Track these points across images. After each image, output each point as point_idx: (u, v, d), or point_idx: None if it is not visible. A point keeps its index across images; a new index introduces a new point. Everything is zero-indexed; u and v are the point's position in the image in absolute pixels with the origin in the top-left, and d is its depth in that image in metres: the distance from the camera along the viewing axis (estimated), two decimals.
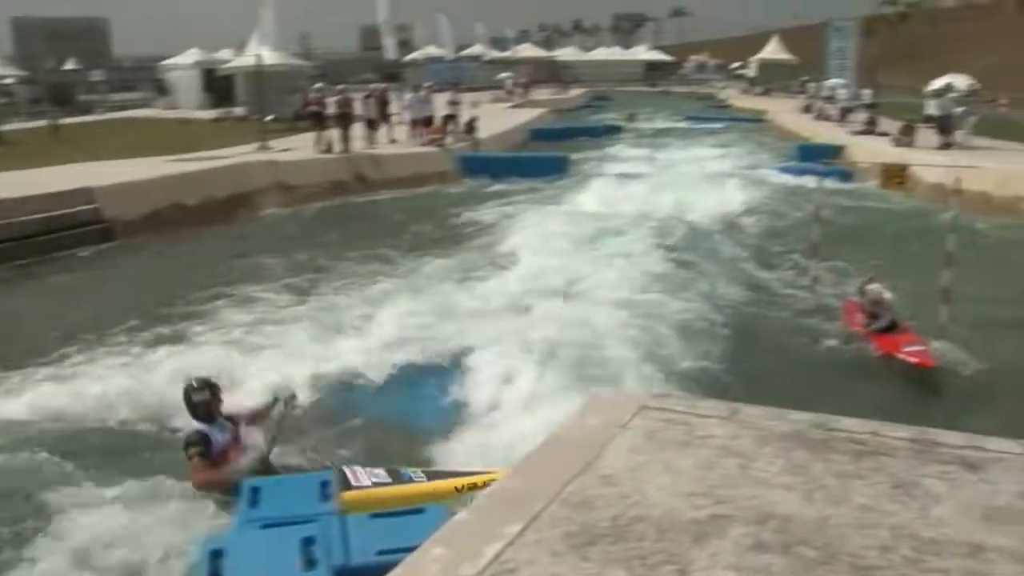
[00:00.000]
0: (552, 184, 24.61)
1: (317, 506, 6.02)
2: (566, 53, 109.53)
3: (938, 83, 34.96)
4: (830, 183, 23.28)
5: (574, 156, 30.04)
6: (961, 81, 34.94)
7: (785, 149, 33.88)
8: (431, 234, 18.27)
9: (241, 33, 41.74)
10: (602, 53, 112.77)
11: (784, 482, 3.78)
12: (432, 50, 69.87)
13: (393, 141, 27.20)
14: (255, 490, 6.18)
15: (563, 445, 4.27)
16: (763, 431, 4.30)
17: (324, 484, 6.29)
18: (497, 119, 38.70)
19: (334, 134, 24.40)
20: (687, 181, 24.18)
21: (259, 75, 29.99)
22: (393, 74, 61.52)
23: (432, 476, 7.01)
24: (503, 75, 63.42)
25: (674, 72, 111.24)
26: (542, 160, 28.08)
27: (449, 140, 27.99)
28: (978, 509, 3.51)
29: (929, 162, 21.35)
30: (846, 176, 25.31)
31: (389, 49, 39.35)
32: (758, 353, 10.59)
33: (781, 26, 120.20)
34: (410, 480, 6.85)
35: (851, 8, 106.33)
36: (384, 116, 27.76)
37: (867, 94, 41.74)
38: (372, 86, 29.17)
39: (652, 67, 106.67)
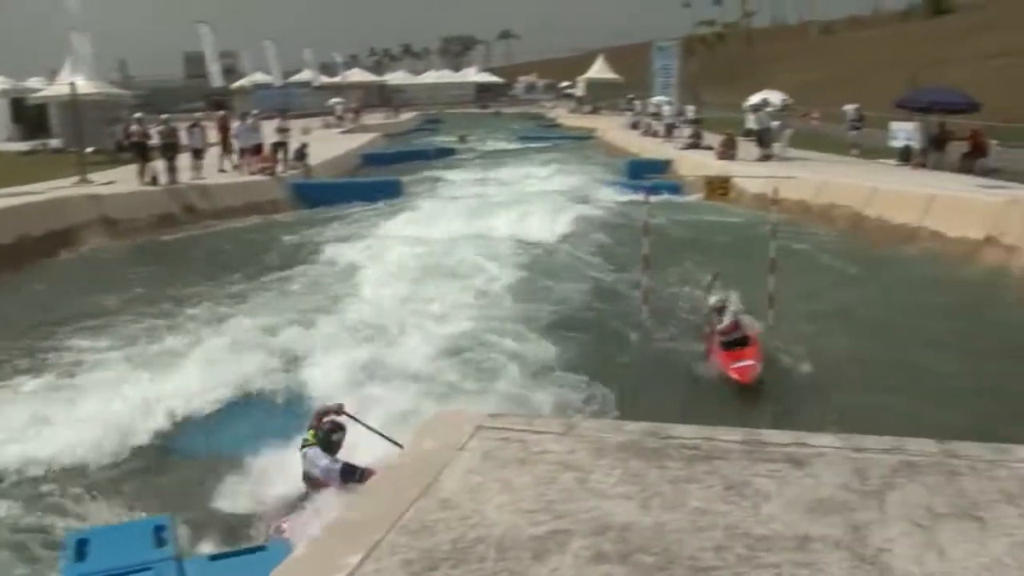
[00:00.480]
0: (386, 208, 24.47)
1: (152, 553, 5.69)
2: (396, 77, 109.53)
3: (755, 98, 36.75)
4: (660, 197, 24.26)
5: (407, 179, 30.00)
6: (776, 97, 36.90)
7: (615, 165, 34.83)
8: (263, 264, 17.72)
9: (52, 60, 39.59)
10: (432, 76, 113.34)
11: (621, 492, 3.83)
12: (260, 77, 68.51)
13: (222, 171, 26.45)
14: (81, 542, 5.81)
15: (400, 471, 4.21)
16: (599, 443, 4.36)
17: (159, 528, 5.96)
18: (328, 145, 38.23)
19: (159, 165, 23.48)
20: (520, 200, 24.47)
21: (75, 104, 28.52)
22: (220, 102, 59.90)
23: None
24: (333, 100, 62.72)
25: (504, 93, 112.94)
26: (375, 185, 27.88)
27: (280, 168, 27.38)
28: (804, 503, 3.66)
29: (749, 173, 22.41)
30: (675, 189, 26.23)
31: (215, 76, 38.18)
32: (594, 368, 10.75)
33: (606, 46, 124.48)
34: None
35: (671, 30, 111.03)
36: (226, 143, 26.93)
37: (691, 110, 43.43)
38: (197, 114, 28.23)
39: (483, 89, 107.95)
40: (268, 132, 28.26)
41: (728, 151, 28.22)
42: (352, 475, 6.55)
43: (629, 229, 19.55)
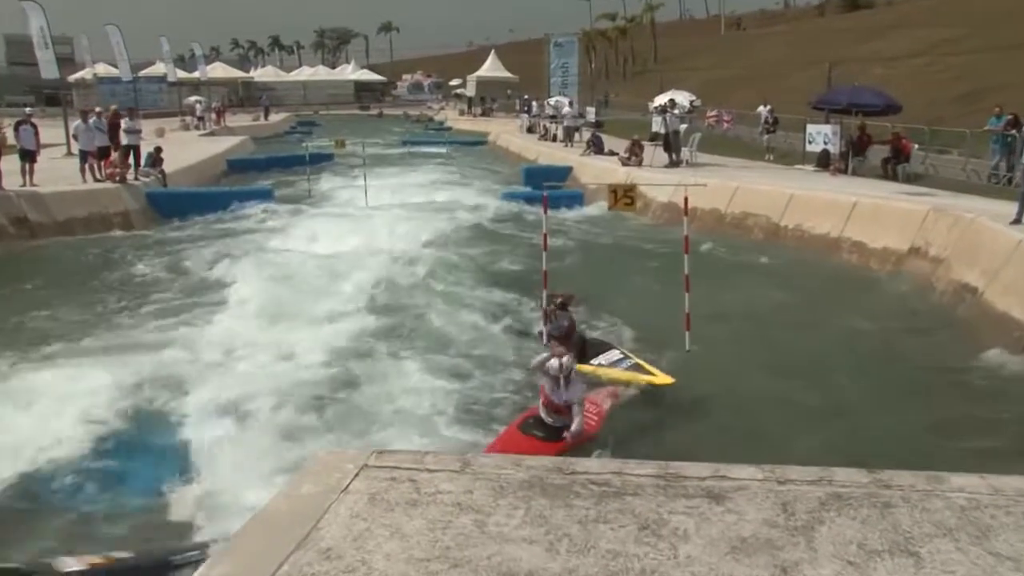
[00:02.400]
0: (255, 221, 24.06)
1: None
2: (265, 73, 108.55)
3: (661, 99, 37.59)
4: (560, 208, 24.52)
5: (281, 189, 29.63)
6: (683, 97, 37.81)
7: (510, 173, 35.03)
8: (113, 286, 17.14)
9: None
10: (306, 73, 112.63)
11: (525, 535, 3.80)
12: (103, 68, 66.69)
13: (96, 180, 25.47)
14: None
15: (275, 519, 4.10)
16: (498, 481, 4.32)
17: None
18: (187, 149, 37.42)
19: None
20: (404, 213, 24.37)
21: None
22: (53, 96, 58.06)
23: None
24: (192, 99, 61.63)
25: (387, 92, 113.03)
26: (243, 194, 27.31)
27: (130, 175, 26.61)
28: (726, 542, 3.68)
29: (657, 180, 22.82)
30: (576, 199, 26.52)
31: (46, 66, 36.73)
32: (490, 395, 10.73)
33: (498, 41, 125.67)
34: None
35: (569, 24, 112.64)
36: (117, 145, 26.33)
37: (591, 112, 44.12)
38: (28, 110, 27.15)
39: (363, 88, 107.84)
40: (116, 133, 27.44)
41: (634, 157, 28.68)
42: None
43: (524, 244, 19.66)
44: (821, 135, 27.13)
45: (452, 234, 21.20)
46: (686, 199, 12.36)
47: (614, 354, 11.78)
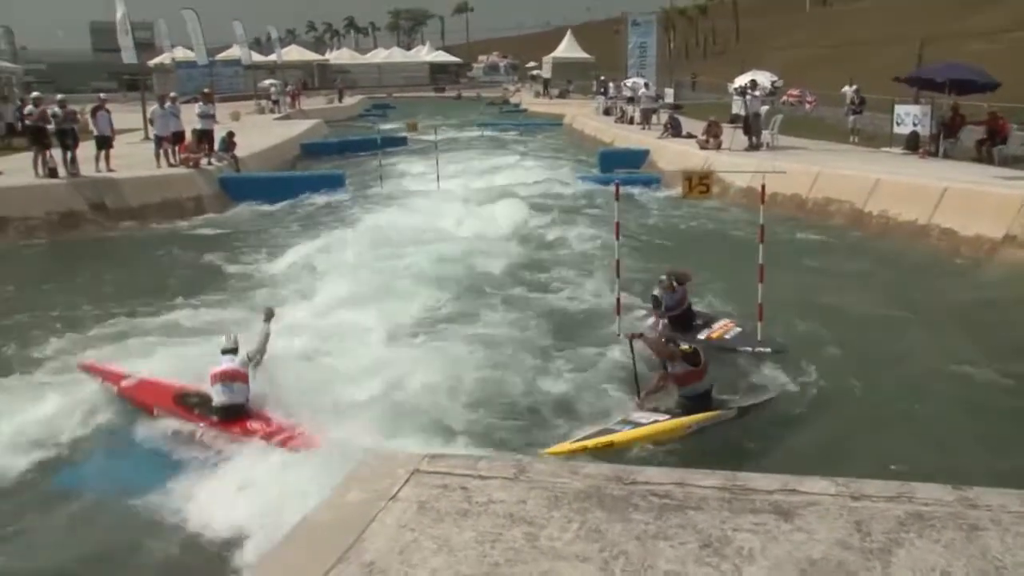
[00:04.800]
0: (325, 207, 24.20)
1: None
2: (340, 56, 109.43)
3: (741, 80, 36.85)
4: (636, 192, 24.23)
5: (352, 173, 29.78)
6: (764, 78, 37.04)
7: (586, 156, 34.72)
8: (185, 274, 17.24)
9: None
10: (381, 55, 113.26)
11: (578, 551, 3.64)
12: (181, 53, 67.69)
13: (170, 165, 25.88)
14: None
15: (317, 530, 3.99)
16: (554, 491, 4.17)
17: None
18: (262, 133, 37.85)
19: (58, 154, 22.91)
20: (479, 197, 24.30)
21: None
22: (134, 82, 59.24)
23: None
24: (267, 82, 62.31)
25: (463, 74, 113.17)
26: (315, 180, 27.52)
27: (204, 160, 26.93)
28: (794, 565, 3.48)
29: (735, 165, 22.41)
30: (653, 183, 26.19)
31: (128, 51, 37.49)
32: (555, 394, 10.55)
33: (575, 21, 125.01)
34: None
35: (648, 3, 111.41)
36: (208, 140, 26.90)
37: (669, 93, 43.57)
38: (102, 95, 27.55)
39: (438, 69, 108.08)
40: (192, 117, 27.82)
41: (712, 140, 28.20)
42: None
43: (598, 230, 19.43)
44: (910, 116, 26.28)
45: (525, 221, 21.06)
46: (763, 187, 12.00)
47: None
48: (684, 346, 9.94)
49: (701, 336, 12.02)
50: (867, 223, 19.67)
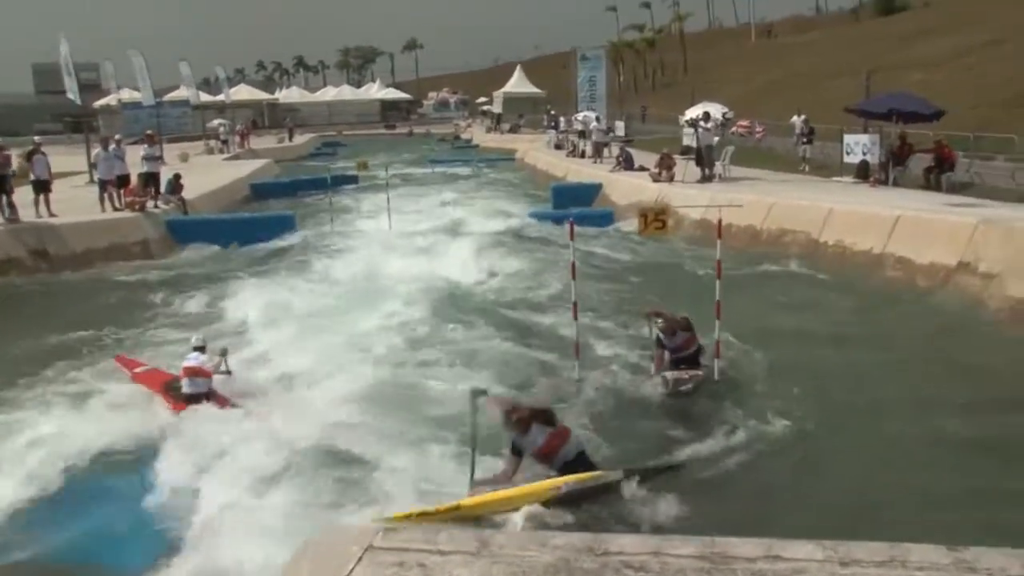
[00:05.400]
0: (280, 249, 23.73)
1: None
2: (290, 94, 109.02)
3: (692, 112, 36.95)
4: (589, 228, 24.02)
5: (303, 213, 29.48)
6: (716, 110, 37.10)
7: (538, 192, 34.59)
8: (126, 322, 16.77)
9: None
10: (331, 93, 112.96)
11: None
12: (127, 94, 67.10)
13: (116, 209, 25.24)
14: None
15: None
16: (520, 566, 3.82)
17: None
18: (210, 174, 37.39)
19: None
20: (430, 236, 23.95)
21: None
22: (79, 123, 58.59)
23: None
24: (216, 122, 61.84)
25: (413, 111, 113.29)
26: (265, 221, 27.06)
27: (151, 203, 26.34)
28: None
29: (690, 197, 22.27)
30: (606, 219, 26.04)
31: (73, 92, 37.12)
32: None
33: (521, 58, 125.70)
34: None
35: (596, 37, 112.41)
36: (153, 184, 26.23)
37: (620, 126, 43.60)
38: (37, 139, 26.82)
39: (389, 106, 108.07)
40: (138, 160, 27.23)
41: (664, 172, 28.11)
42: None
43: (552, 270, 19.14)
44: (859, 145, 26.42)
45: (477, 261, 20.51)
46: (719, 221, 11.80)
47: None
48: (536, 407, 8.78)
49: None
50: (822, 253, 19.55)
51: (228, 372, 11.68)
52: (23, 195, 23.18)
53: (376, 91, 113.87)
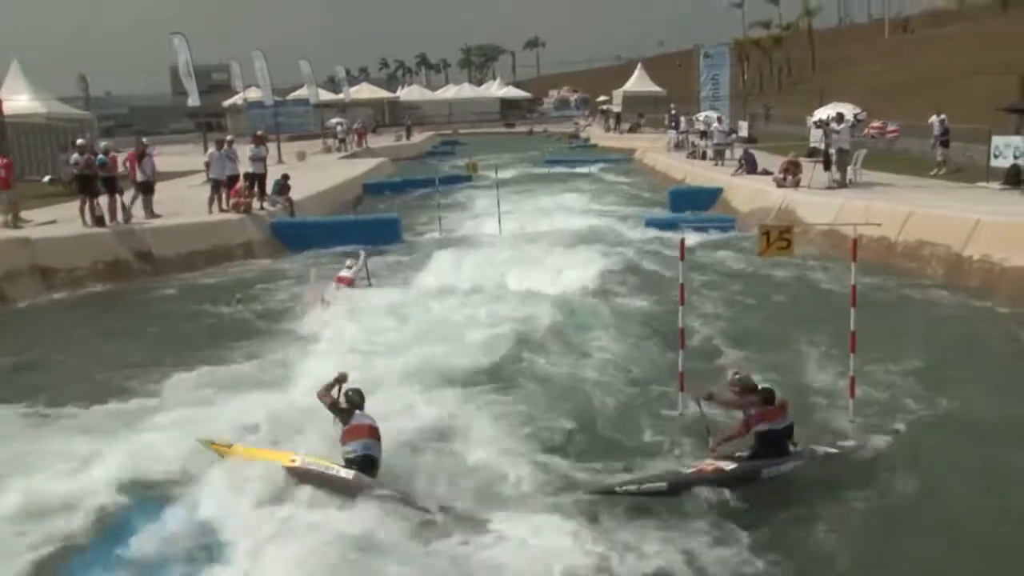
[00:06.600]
0: (383, 254, 22.73)
1: None
2: (410, 92, 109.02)
3: (822, 113, 34.99)
4: (707, 236, 22.46)
5: (412, 214, 29.04)
6: (847, 110, 34.92)
7: (656, 195, 33.20)
8: (225, 326, 16.37)
9: None
10: (451, 91, 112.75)
11: None
12: (254, 93, 67.89)
13: (222, 210, 24.86)
14: None
15: None
16: None
17: None
18: (325, 173, 37.18)
19: (104, 202, 21.88)
20: (539, 244, 22.59)
21: (19, 126, 27.18)
22: (207, 123, 59.53)
23: None
24: (334, 121, 61.96)
25: (533, 109, 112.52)
26: (369, 224, 26.11)
27: (256, 204, 25.72)
28: None
29: (816, 206, 20.52)
30: (725, 225, 24.43)
31: (192, 94, 37.50)
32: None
33: (645, 55, 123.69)
34: None
35: (720, 34, 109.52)
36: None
37: (743, 127, 41.73)
38: (145, 140, 26.36)
39: (508, 105, 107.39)
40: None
41: (790, 177, 26.25)
42: None
43: (664, 282, 17.67)
44: (1010, 148, 24.10)
45: (586, 274, 19.04)
46: (854, 242, 10.15)
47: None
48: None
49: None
50: (967, 269, 17.51)
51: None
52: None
53: (496, 89, 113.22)
